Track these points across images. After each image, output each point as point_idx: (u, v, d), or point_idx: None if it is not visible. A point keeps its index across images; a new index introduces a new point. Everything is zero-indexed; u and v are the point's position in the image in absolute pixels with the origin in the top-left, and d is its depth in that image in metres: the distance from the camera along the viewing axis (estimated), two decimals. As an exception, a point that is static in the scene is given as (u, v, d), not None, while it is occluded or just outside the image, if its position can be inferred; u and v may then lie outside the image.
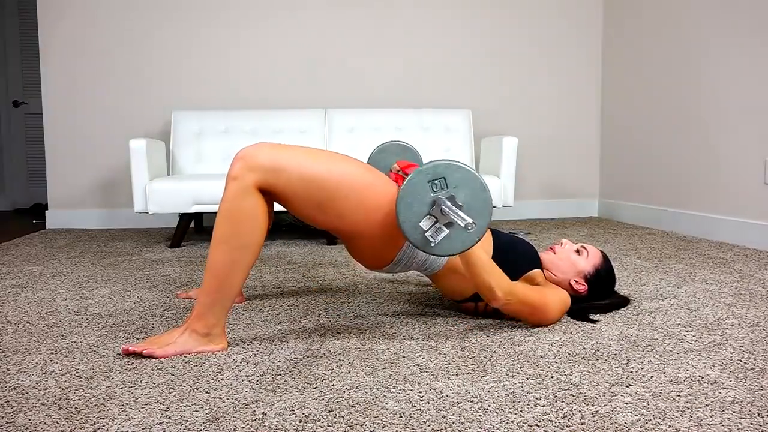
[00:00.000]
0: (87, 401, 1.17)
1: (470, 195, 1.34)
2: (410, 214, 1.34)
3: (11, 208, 5.48)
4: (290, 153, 1.45)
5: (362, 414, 1.11)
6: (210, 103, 3.95)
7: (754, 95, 2.96)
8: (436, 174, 1.33)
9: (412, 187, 1.33)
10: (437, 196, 1.34)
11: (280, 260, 2.73)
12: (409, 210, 1.34)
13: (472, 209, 1.35)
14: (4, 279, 2.32)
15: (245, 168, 1.42)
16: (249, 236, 1.42)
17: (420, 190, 1.33)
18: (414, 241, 1.36)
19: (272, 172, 1.42)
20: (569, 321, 1.68)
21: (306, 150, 1.48)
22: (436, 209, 1.33)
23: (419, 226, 1.34)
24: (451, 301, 1.93)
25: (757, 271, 2.35)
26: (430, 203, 1.34)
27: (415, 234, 1.35)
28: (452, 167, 1.34)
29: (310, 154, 1.47)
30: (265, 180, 1.42)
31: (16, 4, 5.33)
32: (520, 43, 4.22)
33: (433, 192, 1.33)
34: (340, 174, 1.46)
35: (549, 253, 1.76)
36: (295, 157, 1.44)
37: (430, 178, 1.33)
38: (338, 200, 1.45)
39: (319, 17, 4.00)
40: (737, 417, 1.09)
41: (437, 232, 1.34)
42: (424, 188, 1.33)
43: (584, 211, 4.38)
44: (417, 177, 1.33)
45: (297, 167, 1.43)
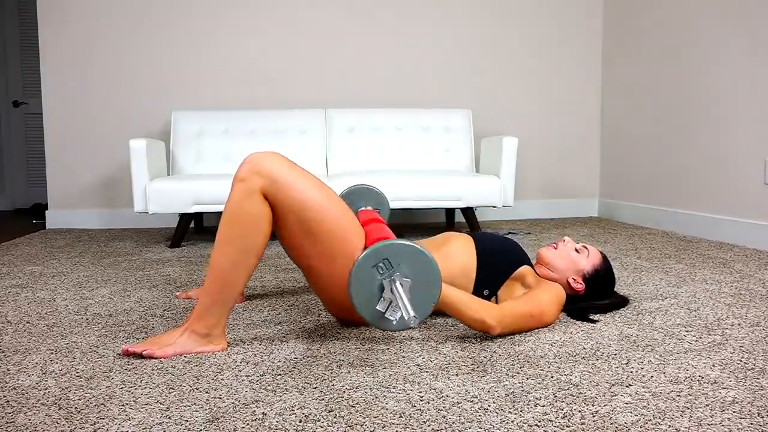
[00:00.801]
0: (87, 401, 1.17)
1: (415, 267, 1.37)
2: (364, 302, 1.38)
3: (11, 208, 5.48)
4: (296, 172, 1.45)
5: (362, 414, 1.11)
6: (210, 103, 3.95)
7: (754, 95, 2.96)
8: (379, 257, 1.36)
9: (359, 276, 1.36)
10: (383, 279, 1.37)
11: (280, 260, 2.73)
12: (361, 298, 1.37)
13: (419, 279, 1.37)
14: (4, 279, 2.32)
15: (253, 171, 1.42)
16: (253, 239, 1.42)
17: (367, 277, 1.36)
18: (375, 324, 1.39)
19: (277, 184, 1.42)
20: (569, 321, 1.68)
21: (310, 176, 1.48)
22: (386, 292, 1.36)
23: (377, 309, 1.38)
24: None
25: (757, 271, 2.35)
26: (379, 288, 1.37)
27: (373, 318, 1.39)
28: (390, 247, 1.36)
29: (312, 179, 1.48)
30: (269, 188, 1.42)
31: (16, 4, 5.33)
32: (520, 43, 4.22)
33: (379, 275, 1.36)
34: (332, 208, 1.47)
35: (550, 249, 1.76)
36: (300, 179, 1.45)
37: (374, 263, 1.36)
38: (326, 238, 1.46)
39: (319, 17, 4.00)
40: (737, 417, 1.09)
41: (395, 311, 1.37)
42: (370, 275, 1.36)
43: (584, 211, 4.38)
44: (362, 264, 1.36)
45: (300, 187, 1.44)
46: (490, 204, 3.29)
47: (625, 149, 4.06)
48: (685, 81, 3.44)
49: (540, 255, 1.77)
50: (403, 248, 1.36)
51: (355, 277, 1.36)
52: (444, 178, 3.25)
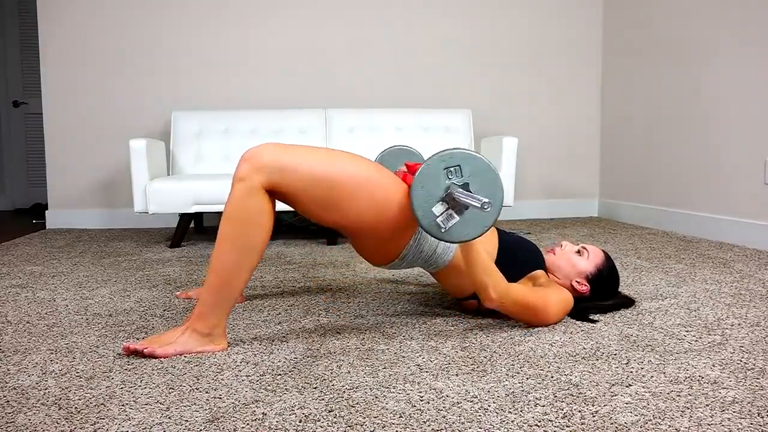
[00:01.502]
0: (87, 401, 1.17)
1: (483, 185, 1.37)
2: (424, 198, 1.36)
3: (11, 208, 5.48)
4: (296, 152, 1.45)
5: (362, 414, 1.11)
6: (210, 103, 3.95)
7: (755, 96, 2.96)
8: (452, 162, 1.36)
9: (428, 171, 1.36)
10: (451, 182, 1.36)
11: (280, 260, 2.73)
12: (423, 194, 1.36)
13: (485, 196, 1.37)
14: (4, 279, 2.32)
15: (252, 169, 1.42)
16: (254, 238, 1.42)
17: (435, 175, 1.36)
18: (425, 225, 1.38)
19: (278, 172, 1.42)
20: (569, 321, 1.68)
21: (312, 149, 1.48)
22: (449, 196, 1.36)
23: (431, 211, 1.37)
24: (454, 299, 1.93)
25: (757, 271, 2.35)
26: (444, 188, 1.37)
27: (427, 218, 1.38)
28: (468, 157, 1.36)
29: (316, 153, 1.47)
30: (271, 180, 1.42)
31: (16, 4, 5.33)
32: (520, 43, 4.22)
33: (447, 179, 1.36)
34: (347, 172, 1.46)
35: (549, 255, 1.76)
36: (301, 156, 1.45)
37: (446, 165, 1.36)
38: (346, 199, 1.45)
39: (319, 17, 4.00)
40: (737, 417, 1.09)
41: (448, 219, 1.36)
42: (440, 174, 1.36)
43: (584, 211, 4.38)
44: (433, 162, 1.36)
45: (303, 166, 1.43)
46: (490, 204, 3.28)
47: (625, 149, 4.06)
48: (685, 81, 3.44)
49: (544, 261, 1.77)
50: (476, 161, 1.36)
51: (422, 174, 1.35)
52: (444, 178, 3.24)
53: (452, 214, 1.36)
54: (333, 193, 1.45)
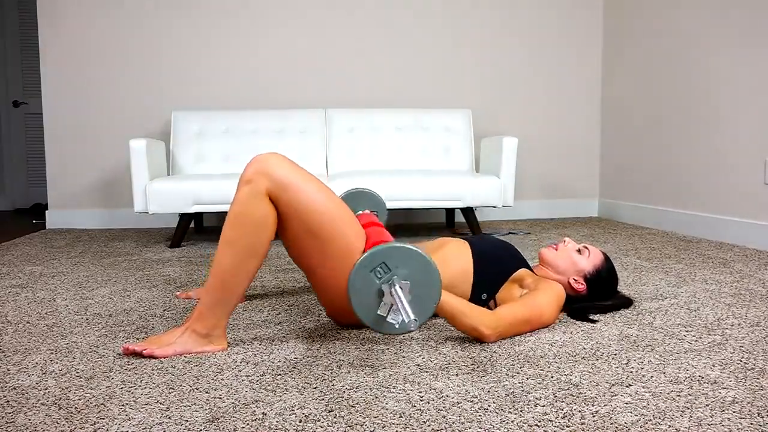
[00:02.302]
0: (87, 401, 1.17)
1: (413, 269, 1.36)
2: (364, 307, 1.36)
3: (11, 208, 5.48)
4: (301, 176, 1.45)
5: (362, 414, 1.11)
6: (210, 103, 3.95)
7: (754, 95, 2.96)
8: (375, 261, 1.35)
9: (357, 283, 1.35)
10: (381, 283, 1.35)
11: (280, 260, 2.73)
12: (362, 305, 1.36)
13: (418, 281, 1.36)
14: (4, 279, 2.32)
15: (259, 173, 1.42)
16: (257, 240, 1.42)
17: (365, 283, 1.35)
18: (377, 329, 1.38)
19: (281, 186, 1.42)
20: (569, 321, 1.68)
21: (313, 178, 1.48)
22: (386, 296, 1.35)
23: (377, 314, 1.37)
24: None
25: (757, 271, 2.35)
26: (378, 293, 1.36)
27: (376, 323, 1.37)
28: (386, 251, 1.35)
29: (316, 184, 1.47)
30: (274, 190, 1.42)
31: (16, 4, 5.34)
32: (520, 43, 4.22)
33: (377, 279, 1.35)
34: (339, 217, 1.47)
35: (551, 249, 1.75)
36: (304, 181, 1.45)
37: (371, 267, 1.35)
38: (328, 241, 1.45)
39: (319, 17, 4.00)
40: (737, 417, 1.09)
41: (397, 314, 1.36)
42: (368, 280, 1.35)
43: (584, 211, 4.38)
44: (359, 271, 1.34)
45: (303, 190, 1.44)
46: (490, 204, 3.29)
47: (625, 149, 4.07)
48: (685, 81, 3.44)
49: (541, 256, 1.76)
50: (399, 251, 1.35)
51: (353, 283, 1.35)
52: (444, 178, 3.25)
53: (398, 308, 1.35)
54: (320, 229, 1.44)
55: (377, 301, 1.36)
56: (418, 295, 1.36)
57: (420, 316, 1.37)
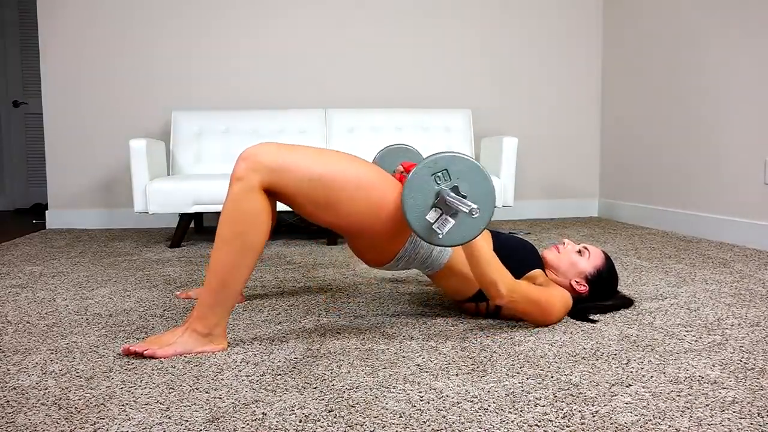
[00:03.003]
0: (87, 401, 1.17)
1: (473, 185, 1.37)
2: (416, 208, 1.36)
3: (11, 208, 5.48)
4: (294, 152, 1.45)
5: (362, 414, 1.11)
6: (210, 103, 3.95)
7: (754, 95, 2.96)
8: (439, 166, 1.35)
9: (416, 180, 1.35)
10: (441, 188, 1.36)
11: (280, 260, 2.73)
12: (414, 203, 1.36)
13: (475, 199, 1.37)
14: (4, 279, 2.32)
15: (249, 168, 1.42)
16: (252, 237, 1.42)
17: (424, 183, 1.35)
18: (421, 234, 1.38)
19: (276, 172, 1.42)
20: (569, 321, 1.68)
21: (310, 149, 1.48)
22: (440, 201, 1.35)
23: (425, 219, 1.37)
24: (452, 301, 1.93)
25: (757, 271, 2.35)
26: (434, 195, 1.36)
27: (422, 227, 1.37)
28: (454, 159, 1.36)
29: (314, 153, 1.47)
30: (269, 180, 1.42)
31: (16, 3, 5.33)
32: (520, 43, 4.22)
33: (437, 184, 1.36)
34: (344, 173, 1.46)
35: (551, 252, 1.76)
36: (299, 157, 1.45)
37: (433, 171, 1.35)
38: (343, 199, 1.46)
39: (319, 17, 4.00)
40: (737, 417, 1.09)
41: (443, 224, 1.36)
42: (428, 181, 1.35)
43: (584, 211, 4.38)
44: (420, 171, 1.35)
45: (301, 167, 1.44)
46: (490, 204, 3.28)
47: (625, 149, 4.06)
48: (685, 81, 3.44)
49: (543, 258, 1.77)
50: (463, 162, 1.35)
51: (411, 183, 1.34)
52: (444, 178, 3.24)
53: (447, 219, 1.36)
54: (330, 193, 1.45)
55: (430, 205, 1.36)
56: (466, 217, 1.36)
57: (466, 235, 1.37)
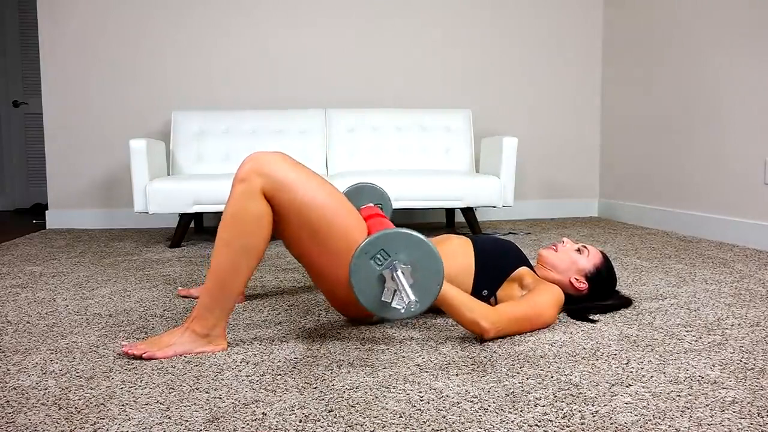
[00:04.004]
0: (87, 401, 1.17)
1: (413, 253, 1.35)
2: (368, 295, 1.36)
3: (11, 208, 5.48)
4: (298, 172, 1.45)
5: (362, 414, 1.11)
6: (210, 103, 3.95)
7: (754, 95, 2.96)
8: (374, 248, 1.34)
9: (357, 272, 1.34)
10: (382, 270, 1.35)
11: (280, 260, 2.73)
12: (365, 292, 1.35)
13: (420, 264, 1.35)
14: (4, 279, 2.32)
15: (254, 172, 1.41)
16: (253, 239, 1.42)
17: (366, 271, 1.34)
18: (383, 316, 1.38)
19: (278, 185, 1.42)
20: (569, 321, 1.68)
21: (312, 174, 1.48)
22: (388, 281, 1.35)
23: (381, 301, 1.36)
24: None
25: (757, 271, 2.35)
26: (379, 279, 1.35)
27: (380, 309, 1.37)
28: (385, 236, 1.34)
29: (315, 180, 1.47)
30: (271, 189, 1.42)
31: (16, 3, 5.33)
32: (520, 43, 4.22)
33: (378, 266, 1.34)
34: (339, 213, 1.47)
35: (550, 250, 1.76)
36: (301, 178, 1.44)
37: (370, 255, 1.34)
38: (329, 237, 1.46)
39: (319, 17, 4.00)
40: (737, 417, 1.09)
41: (401, 298, 1.35)
42: (369, 267, 1.34)
43: (584, 211, 4.38)
44: (358, 260, 1.34)
45: (300, 187, 1.43)
46: (490, 204, 3.29)
47: (625, 149, 4.07)
48: (685, 81, 3.44)
49: (541, 256, 1.77)
50: (398, 236, 1.34)
51: (354, 271, 1.34)
52: (444, 178, 3.25)
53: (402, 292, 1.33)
54: (320, 226, 1.45)
55: (380, 287, 1.35)
56: (420, 279, 1.35)
57: (423, 300, 1.36)
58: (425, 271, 1.35)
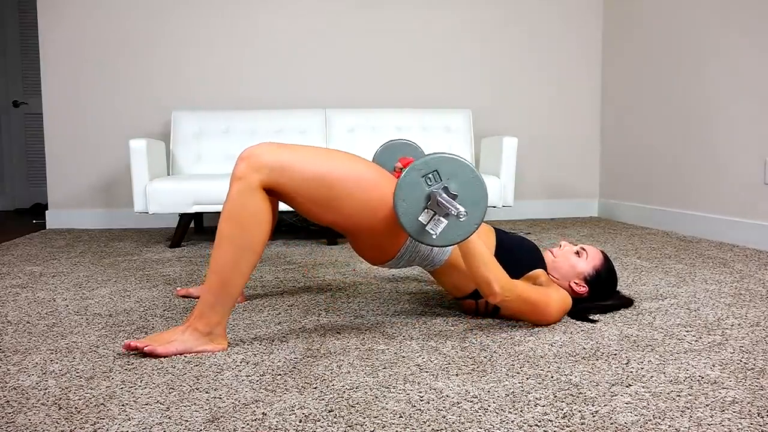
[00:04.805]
0: (87, 401, 1.17)
1: (464, 185, 1.37)
2: (408, 210, 1.37)
3: (11, 208, 5.48)
4: (294, 152, 1.46)
5: (362, 414, 1.11)
6: (210, 103, 3.95)
7: (754, 95, 2.96)
8: (428, 168, 1.36)
9: (406, 183, 1.36)
10: (431, 189, 1.36)
11: (280, 260, 2.73)
12: (406, 206, 1.36)
13: (466, 197, 1.37)
14: (4, 279, 2.32)
15: (250, 168, 1.42)
16: (253, 236, 1.43)
17: (414, 185, 1.36)
18: (415, 236, 1.39)
19: (277, 171, 1.42)
20: (569, 321, 1.68)
21: (310, 149, 1.49)
22: (432, 202, 1.36)
23: (418, 220, 1.37)
24: (452, 299, 1.93)
25: (757, 271, 2.35)
26: (425, 197, 1.37)
27: (415, 228, 1.38)
28: (443, 159, 1.36)
29: (314, 152, 1.48)
30: (269, 179, 1.42)
31: (16, 4, 5.33)
32: (520, 43, 4.22)
33: (427, 186, 1.36)
34: (344, 172, 1.47)
35: (547, 255, 1.76)
36: (299, 156, 1.45)
37: (424, 172, 1.36)
38: (343, 198, 1.46)
39: (319, 17, 4.00)
40: (737, 417, 1.09)
41: (437, 224, 1.36)
42: (419, 183, 1.36)
43: (584, 211, 4.38)
44: (410, 173, 1.36)
45: (301, 166, 1.44)
46: (490, 204, 3.29)
47: (625, 149, 4.07)
48: (685, 81, 3.44)
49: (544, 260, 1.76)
50: (453, 162, 1.36)
51: (402, 185, 1.35)
52: (444, 178, 3.24)
53: (440, 219, 1.36)
54: (330, 192, 1.45)
55: (422, 207, 1.37)
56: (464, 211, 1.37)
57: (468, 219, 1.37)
58: (471, 202, 1.37)
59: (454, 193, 1.36)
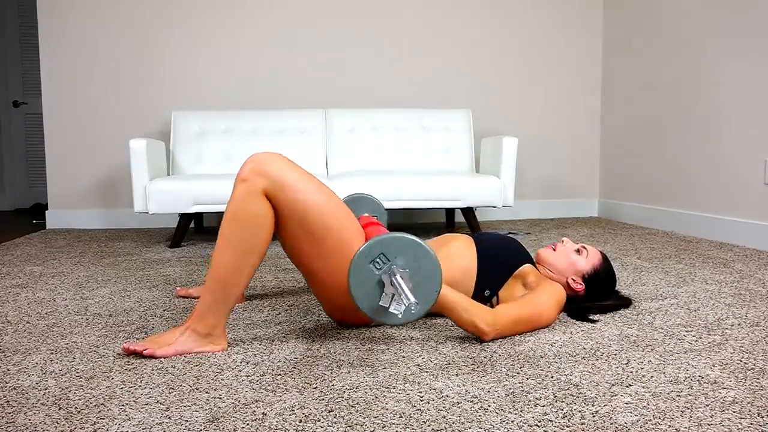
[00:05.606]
0: (87, 401, 1.17)
1: (411, 257, 1.35)
2: (366, 300, 1.36)
3: (11, 208, 5.48)
4: (299, 175, 1.45)
5: (362, 414, 1.11)
6: (210, 103, 3.95)
7: (754, 95, 2.96)
8: (373, 253, 1.34)
9: (356, 275, 1.34)
10: (381, 274, 1.35)
11: (280, 260, 2.73)
12: (363, 295, 1.36)
13: (419, 269, 1.35)
14: (4, 279, 2.32)
15: (255, 172, 1.42)
16: (255, 239, 1.42)
17: (365, 274, 1.35)
18: (381, 321, 1.38)
19: (279, 185, 1.42)
20: (569, 321, 1.68)
21: (312, 178, 1.48)
22: (387, 286, 1.35)
23: (379, 305, 1.36)
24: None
25: (757, 271, 2.35)
26: (378, 284, 1.35)
27: (379, 314, 1.37)
28: (384, 241, 1.34)
29: (314, 183, 1.47)
30: (272, 189, 1.42)
31: (16, 4, 5.33)
32: (520, 43, 4.22)
33: (377, 271, 1.35)
34: (337, 215, 1.47)
35: (549, 250, 1.76)
36: (302, 180, 1.45)
37: (370, 259, 1.34)
38: (327, 239, 1.46)
39: (319, 17, 4.00)
40: (737, 417, 1.09)
41: (399, 303, 1.35)
42: (368, 271, 1.35)
43: (584, 211, 4.38)
44: (358, 263, 1.34)
45: (301, 189, 1.44)
46: (490, 204, 3.29)
47: (625, 149, 4.07)
48: (685, 81, 3.44)
49: (539, 256, 1.77)
50: (397, 240, 1.34)
51: (353, 275, 1.35)
52: (444, 178, 3.25)
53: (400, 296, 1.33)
54: (318, 227, 1.44)
55: (378, 292, 1.36)
56: (419, 283, 1.36)
57: (422, 303, 1.36)
58: (424, 275, 1.36)
59: (404, 269, 1.34)
